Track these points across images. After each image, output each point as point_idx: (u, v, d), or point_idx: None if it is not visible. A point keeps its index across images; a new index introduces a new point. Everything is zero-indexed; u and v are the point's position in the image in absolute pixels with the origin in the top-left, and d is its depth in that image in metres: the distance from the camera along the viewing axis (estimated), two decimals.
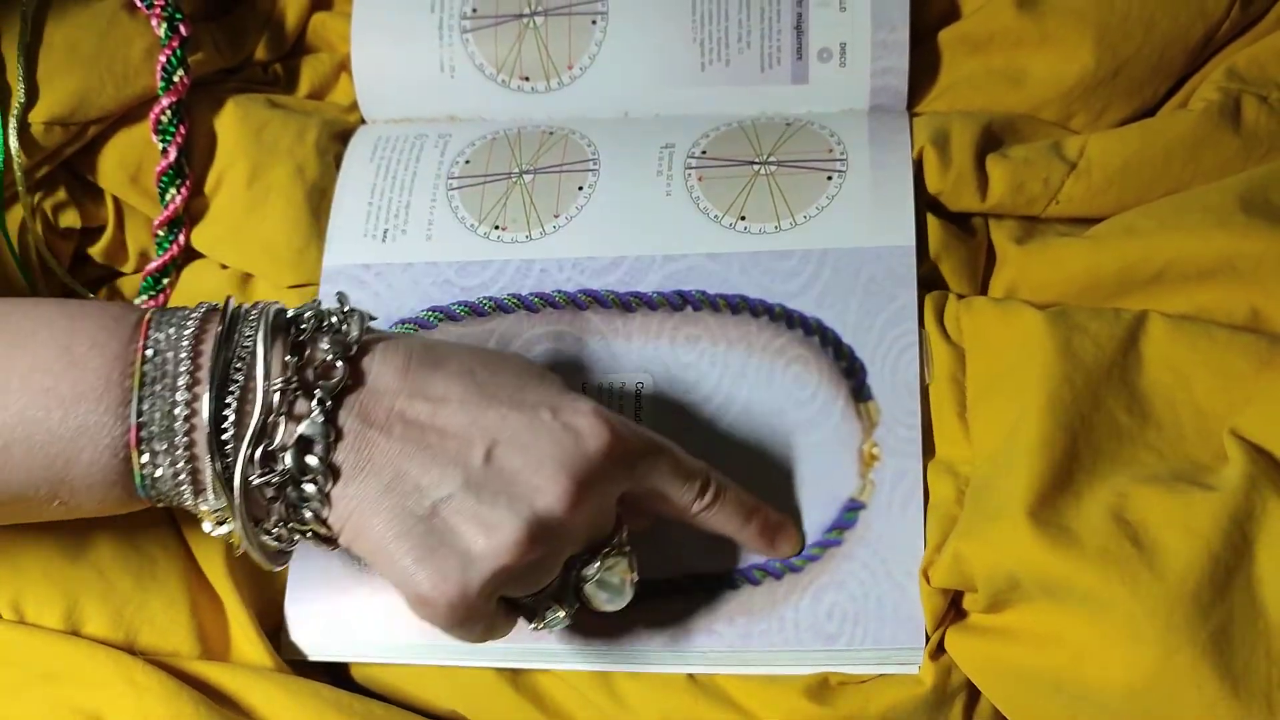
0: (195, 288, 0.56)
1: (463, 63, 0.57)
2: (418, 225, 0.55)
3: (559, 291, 0.52)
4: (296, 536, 0.41)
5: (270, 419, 0.38)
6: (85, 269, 0.57)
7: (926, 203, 0.53)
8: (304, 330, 0.40)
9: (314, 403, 0.38)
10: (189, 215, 0.56)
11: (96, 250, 0.56)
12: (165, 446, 0.38)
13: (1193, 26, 0.53)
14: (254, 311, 0.40)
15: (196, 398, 0.38)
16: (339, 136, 0.57)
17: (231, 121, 0.55)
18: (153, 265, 0.56)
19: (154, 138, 0.54)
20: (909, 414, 0.49)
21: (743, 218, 0.53)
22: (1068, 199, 0.52)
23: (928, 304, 0.51)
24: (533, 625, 0.44)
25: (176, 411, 0.38)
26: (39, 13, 0.53)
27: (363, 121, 0.59)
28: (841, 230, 0.52)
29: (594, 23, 0.57)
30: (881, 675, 0.47)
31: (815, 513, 0.49)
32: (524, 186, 0.55)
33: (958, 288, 0.52)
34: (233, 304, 0.40)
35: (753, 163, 0.54)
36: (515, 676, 0.50)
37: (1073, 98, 0.54)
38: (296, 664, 0.51)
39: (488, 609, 0.41)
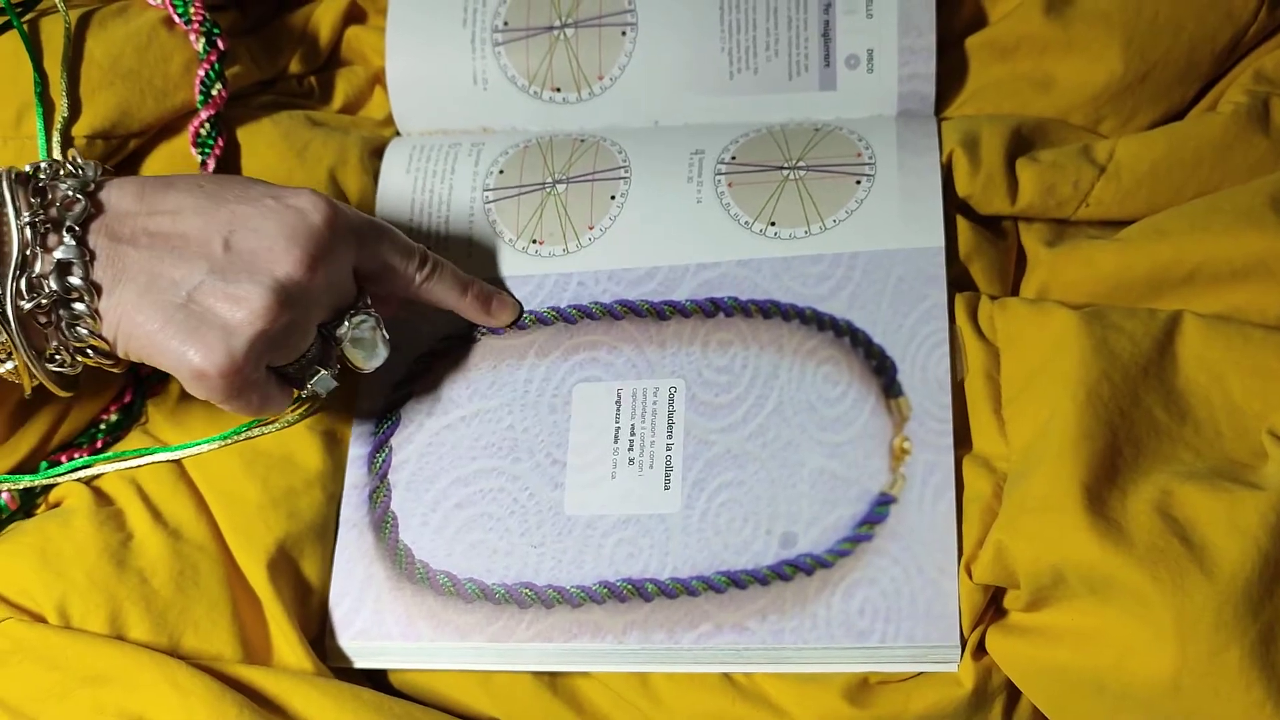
0: None
1: (495, 75, 0.57)
2: (458, 243, 0.54)
3: (595, 303, 0.52)
4: (79, 358, 0.45)
5: (29, 252, 0.42)
6: None
7: (956, 205, 0.53)
8: (43, 179, 0.43)
9: (64, 232, 0.43)
10: None
11: None
12: None
13: (1220, 30, 0.52)
14: None
15: None
16: (377, 153, 0.57)
17: (273, 139, 0.55)
18: None
19: (193, 150, 0.54)
20: (940, 408, 0.48)
21: (773, 223, 0.52)
22: (1097, 201, 0.51)
23: (960, 304, 0.50)
24: (303, 391, 0.48)
25: None
26: (80, 29, 0.53)
27: (397, 134, 0.59)
28: (871, 233, 0.51)
29: (624, 34, 0.56)
30: (921, 675, 0.46)
31: (846, 508, 0.48)
32: (558, 197, 0.54)
33: (988, 290, 0.52)
34: None
35: (781, 167, 0.53)
36: (553, 681, 0.49)
37: (1101, 102, 0.53)
38: (336, 668, 0.50)
39: (257, 376, 0.45)
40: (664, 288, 0.52)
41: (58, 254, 0.42)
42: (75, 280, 0.43)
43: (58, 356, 0.44)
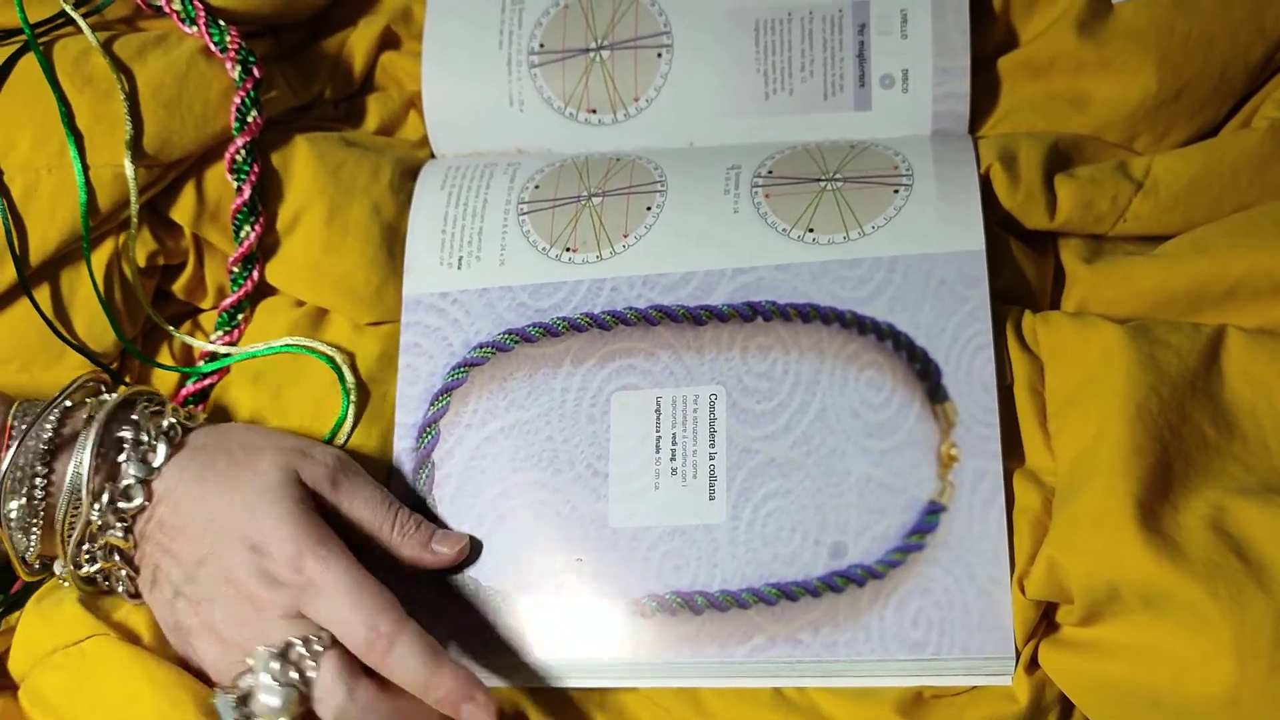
0: (270, 324, 0.55)
1: (531, 97, 0.56)
2: (491, 251, 0.53)
3: (630, 309, 0.51)
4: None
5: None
6: (166, 305, 0.56)
7: (998, 220, 0.52)
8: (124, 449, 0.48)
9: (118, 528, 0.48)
10: (262, 251, 0.55)
11: (177, 287, 0.55)
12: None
13: (1252, 46, 0.52)
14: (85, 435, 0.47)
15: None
16: (411, 173, 0.56)
17: (307, 159, 0.54)
18: (228, 301, 0.55)
19: (229, 176, 0.53)
20: (987, 412, 0.47)
21: (810, 230, 0.51)
22: (1135, 217, 0.51)
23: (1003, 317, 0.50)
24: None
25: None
26: (120, 59, 0.52)
27: (432, 156, 0.58)
28: (910, 238, 0.50)
29: (659, 55, 0.56)
30: (975, 689, 0.46)
31: (895, 517, 0.47)
32: (593, 209, 0.53)
33: (1030, 304, 0.51)
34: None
35: (819, 179, 0.53)
36: (601, 697, 0.49)
37: (1136, 120, 0.53)
38: None
39: None
40: (700, 292, 0.51)
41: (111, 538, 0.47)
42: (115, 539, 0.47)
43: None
